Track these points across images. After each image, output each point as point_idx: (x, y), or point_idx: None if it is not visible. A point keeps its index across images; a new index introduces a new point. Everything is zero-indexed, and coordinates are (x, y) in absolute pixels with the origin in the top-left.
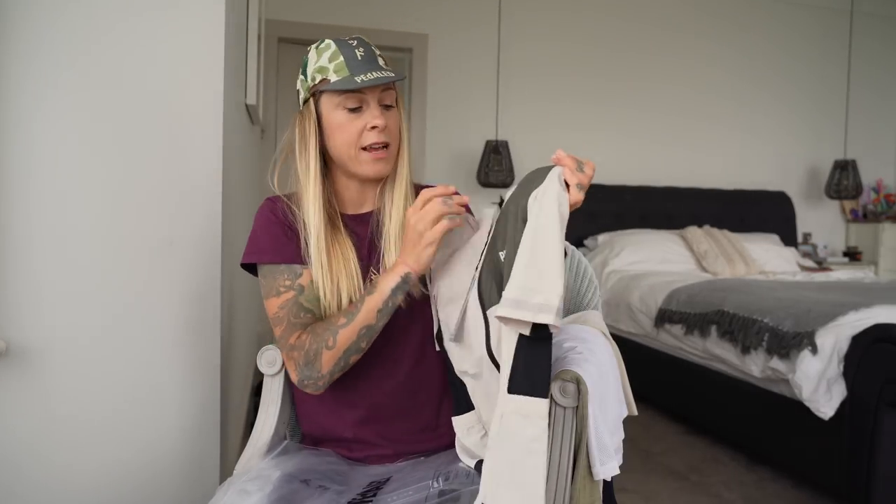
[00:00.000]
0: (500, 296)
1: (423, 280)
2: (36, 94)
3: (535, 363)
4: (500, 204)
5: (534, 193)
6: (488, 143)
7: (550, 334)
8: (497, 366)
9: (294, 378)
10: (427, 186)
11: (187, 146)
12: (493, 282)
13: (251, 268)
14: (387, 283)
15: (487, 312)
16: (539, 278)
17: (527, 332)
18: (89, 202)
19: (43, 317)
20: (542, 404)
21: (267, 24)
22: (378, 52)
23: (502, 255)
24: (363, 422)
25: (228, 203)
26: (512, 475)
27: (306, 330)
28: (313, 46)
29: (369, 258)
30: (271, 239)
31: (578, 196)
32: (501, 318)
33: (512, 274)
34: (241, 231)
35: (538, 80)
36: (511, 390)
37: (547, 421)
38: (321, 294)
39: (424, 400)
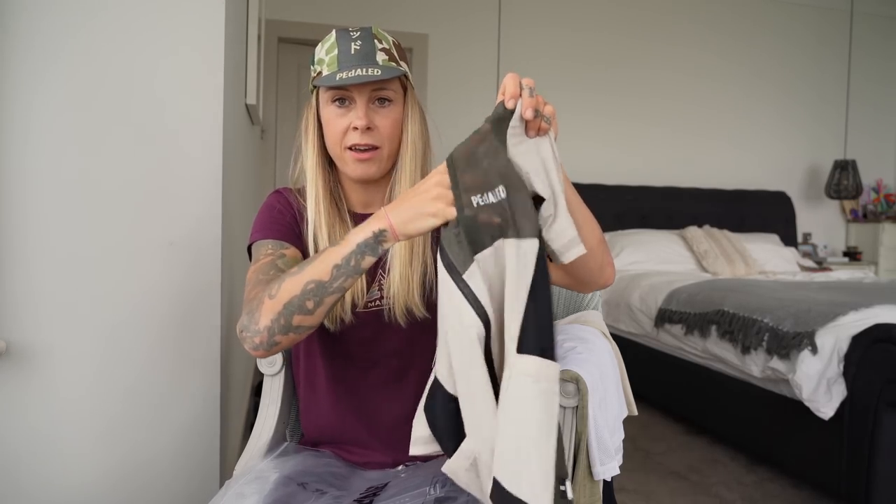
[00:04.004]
0: (475, 251)
1: (425, 297)
2: (35, 94)
3: (544, 320)
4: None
5: (511, 139)
6: None
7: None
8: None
9: (237, 329)
10: None
11: (187, 146)
12: (466, 240)
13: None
14: (355, 236)
15: (464, 277)
16: (565, 220)
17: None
18: (89, 202)
19: (43, 317)
20: (554, 368)
21: (267, 24)
22: (382, 46)
23: (478, 199)
24: (367, 431)
25: (228, 203)
26: (517, 444)
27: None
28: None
29: (376, 265)
30: (266, 220)
31: (544, 125)
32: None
33: (557, 224)
34: (242, 231)
35: (538, 80)
36: (522, 350)
37: (557, 386)
38: None
39: None
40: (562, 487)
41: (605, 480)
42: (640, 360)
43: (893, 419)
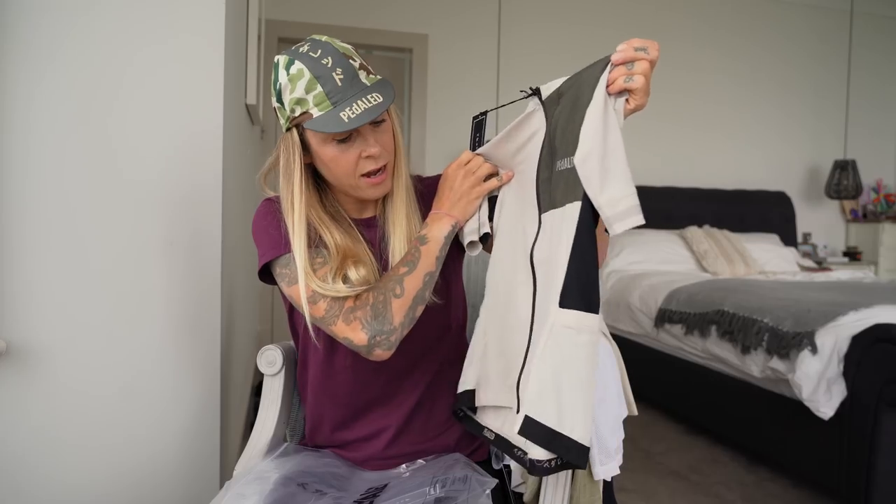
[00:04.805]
0: (555, 202)
1: (436, 288)
2: (35, 94)
3: (586, 277)
4: (536, 94)
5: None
6: None
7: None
8: (533, 271)
9: (361, 340)
10: (429, 178)
11: (187, 146)
12: (549, 187)
13: (264, 274)
14: (439, 231)
15: (543, 216)
16: (619, 184)
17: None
18: (89, 202)
19: (43, 317)
20: (595, 319)
21: (267, 24)
22: (357, 63)
23: (562, 164)
24: (377, 426)
25: (228, 203)
26: (558, 386)
27: (362, 290)
28: (282, 66)
29: (378, 265)
30: (277, 236)
31: (638, 102)
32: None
33: (613, 189)
34: (241, 231)
35: (538, 80)
36: (564, 305)
37: (598, 336)
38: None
39: (441, 407)
40: None
41: (605, 480)
42: (640, 360)
43: (893, 419)
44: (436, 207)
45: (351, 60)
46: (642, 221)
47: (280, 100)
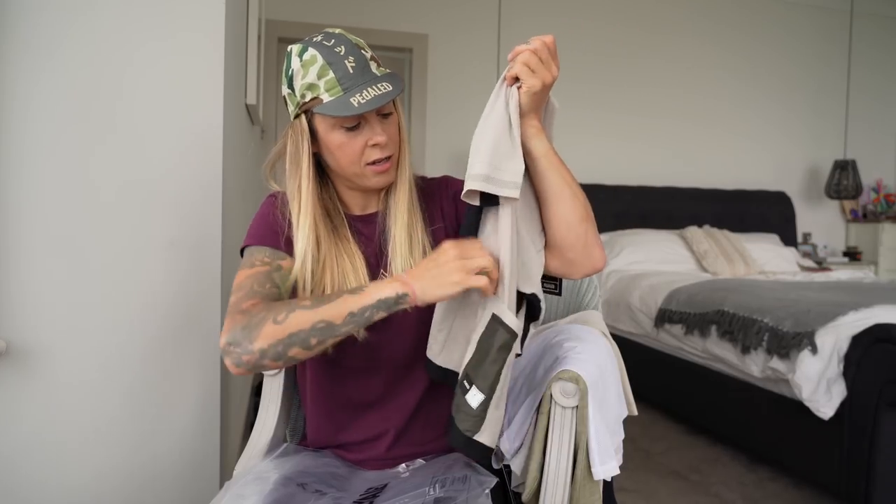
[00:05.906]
0: None
1: None
2: (35, 93)
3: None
4: None
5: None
6: None
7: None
8: None
9: (222, 340)
10: (431, 178)
11: (187, 146)
12: None
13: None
14: (377, 292)
15: None
16: (477, 156)
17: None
18: (89, 202)
19: (43, 317)
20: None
21: (267, 24)
22: (369, 54)
23: None
24: (378, 427)
25: (228, 203)
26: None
27: (265, 301)
28: (295, 54)
29: (377, 261)
30: (265, 228)
31: (528, 84)
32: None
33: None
34: (241, 231)
35: None
36: None
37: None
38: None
39: (442, 408)
40: (465, 383)
41: (605, 480)
42: (640, 361)
43: (893, 419)
44: (406, 273)
45: (363, 51)
46: (473, 187)
47: (291, 86)
